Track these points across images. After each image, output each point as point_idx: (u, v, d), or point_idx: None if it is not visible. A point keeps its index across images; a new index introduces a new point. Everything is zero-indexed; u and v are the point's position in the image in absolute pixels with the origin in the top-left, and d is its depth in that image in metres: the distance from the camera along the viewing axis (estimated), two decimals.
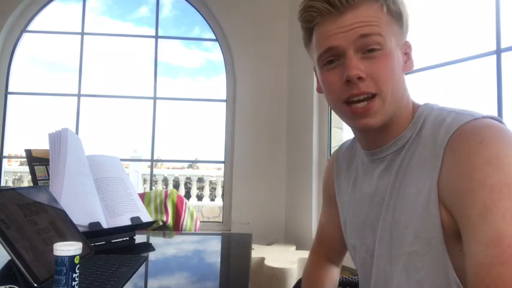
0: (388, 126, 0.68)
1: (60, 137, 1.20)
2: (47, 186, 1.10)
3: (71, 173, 1.16)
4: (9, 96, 2.87)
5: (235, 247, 1.35)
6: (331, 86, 0.67)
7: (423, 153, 0.64)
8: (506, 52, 1.67)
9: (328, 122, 2.56)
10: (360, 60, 0.63)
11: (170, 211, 1.96)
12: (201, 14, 2.97)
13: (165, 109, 3.19)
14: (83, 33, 2.98)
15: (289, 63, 2.88)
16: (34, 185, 1.16)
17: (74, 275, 0.58)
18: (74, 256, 0.58)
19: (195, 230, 2.07)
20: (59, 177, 1.14)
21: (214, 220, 5.34)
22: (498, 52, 1.69)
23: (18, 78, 2.95)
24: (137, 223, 1.27)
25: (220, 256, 1.23)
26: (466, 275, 0.53)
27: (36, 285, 0.68)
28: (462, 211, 0.55)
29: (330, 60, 0.67)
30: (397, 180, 0.67)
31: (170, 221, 1.94)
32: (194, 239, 1.55)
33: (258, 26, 2.88)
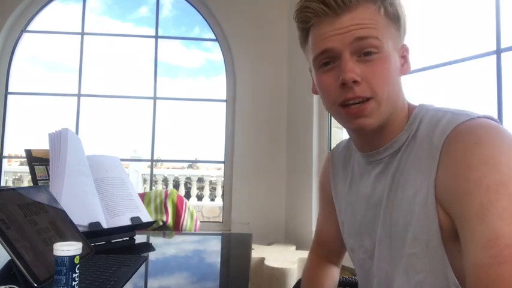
0: (384, 128, 0.68)
1: (60, 137, 1.20)
2: (47, 186, 1.10)
3: (71, 173, 1.16)
4: (9, 96, 2.87)
5: (235, 247, 1.35)
6: (326, 89, 0.67)
7: (419, 154, 0.63)
8: (506, 52, 1.67)
9: (328, 122, 2.56)
10: (356, 63, 0.63)
11: (170, 211, 1.96)
12: (201, 14, 2.97)
13: (165, 109, 3.20)
14: (83, 33, 2.98)
15: (289, 63, 2.88)
16: (34, 185, 1.16)
17: (74, 275, 0.58)
18: (74, 256, 0.58)
19: (195, 230, 2.07)
20: (59, 177, 1.14)
21: (214, 220, 5.34)
22: (498, 52, 1.69)
23: (18, 78, 2.95)
24: (137, 223, 1.27)
25: (220, 256, 1.23)
26: (465, 276, 0.53)
27: (36, 285, 0.68)
28: (459, 211, 0.55)
29: (326, 62, 0.66)
30: (394, 182, 0.67)
31: (170, 221, 1.94)
32: (194, 239, 1.55)
33: (258, 26, 2.88)
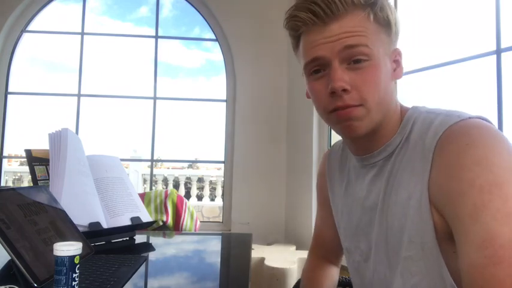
0: (377, 132, 0.68)
1: (60, 137, 1.20)
2: (47, 186, 1.10)
3: (71, 173, 1.16)
4: (9, 96, 2.87)
5: (235, 247, 1.35)
6: (317, 96, 0.67)
7: (413, 157, 0.64)
8: (506, 52, 1.67)
9: None
10: (346, 71, 0.63)
11: (170, 211, 1.96)
12: (201, 14, 2.97)
13: (165, 109, 3.19)
14: (83, 33, 2.98)
15: (289, 63, 2.88)
16: (34, 185, 1.16)
17: (74, 275, 0.58)
18: (74, 256, 0.58)
19: (195, 230, 2.07)
20: (59, 177, 1.14)
21: (214, 220, 5.34)
22: (498, 52, 1.69)
23: (18, 78, 2.94)
24: (137, 223, 1.27)
25: (220, 256, 1.23)
26: (461, 276, 0.53)
27: (36, 285, 0.68)
28: (453, 212, 0.55)
29: (316, 69, 0.66)
30: (389, 185, 0.67)
31: (170, 221, 1.94)
32: (194, 239, 1.55)
33: (258, 26, 2.88)
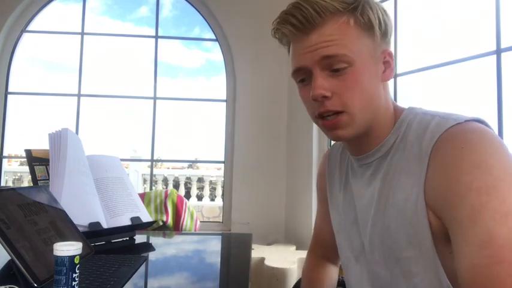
0: (369, 134, 0.69)
1: (60, 137, 1.20)
2: (47, 186, 1.10)
3: (71, 173, 1.16)
4: (9, 96, 2.87)
5: (235, 247, 1.35)
6: (305, 102, 0.71)
7: (409, 158, 0.64)
8: (506, 52, 1.67)
9: None
10: (327, 78, 0.64)
11: (170, 211, 1.96)
12: (201, 14, 2.97)
13: (165, 109, 3.19)
14: (83, 33, 2.98)
15: (289, 63, 2.87)
16: (34, 185, 1.16)
17: (74, 275, 0.58)
18: (74, 256, 0.58)
19: (195, 230, 2.07)
20: (59, 177, 1.14)
21: (214, 220, 5.34)
22: (498, 52, 1.69)
23: (18, 78, 2.94)
24: (137, 223, 1.27)
25: (220, 256, 1.23)
26: (458, 278, 0.53)
27: (36, 285, 0.68)
28: (451, 214, 0.55)
29: (302, 78, 0.69)
30: (385, 186, 0.68)
31: (170, 221, 1.94)
32: (194, 239, 1.55)
33: (258, 26, 2.88)
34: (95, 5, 5.23)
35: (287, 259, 2.11)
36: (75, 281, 0.59)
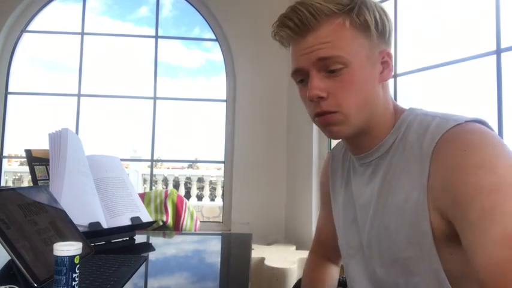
0: (367, 133, 0.70)
1: (60, 137, 1.20)
2: (47, 186, 1.10)
3: (71, 173, 1.16)
4: (9, 96, 2.87)
5: (235, 247, 1.35)
6: (304, 102, 0.73)
7: (409, 159, 0.64)
8: (506, 52, 1.67)
9: None
10: (323, 78, 0.65)
11: (170, 211, 1.96)
12: (201, 14, 2.97)
13: (165, 109, 3.19)
14: (83, 33, 2.98)
15: (289, 63, 2.87)
16: (34, 185, 1.16)
17: (74, 275, 0.58)
18: (74, 256, 0.58)
19: (195, 230, 2.07)
20: (59, 177, 1.14)
21: (214, 220, 5.34)
22: (498, 52, 1.69)
23: (18, 78, 2.94)
24: (137, 223, 1.27)
25: (220, 256, 1.23)
26: (479, 278, 0.52)
27: (36, 285, 0.68)
28: (461, 216, 0.55)
29: (301, 79, 0.71)
30: (385, 185, 0.68)
31: (170, 221, 1.94)
32: (194, 239, 1.55)
33: (258, 26, 2.87)
34: (95, 5, 5.23)
35: (287, 259, 2.11)
36: (75, 281, 0.58)
